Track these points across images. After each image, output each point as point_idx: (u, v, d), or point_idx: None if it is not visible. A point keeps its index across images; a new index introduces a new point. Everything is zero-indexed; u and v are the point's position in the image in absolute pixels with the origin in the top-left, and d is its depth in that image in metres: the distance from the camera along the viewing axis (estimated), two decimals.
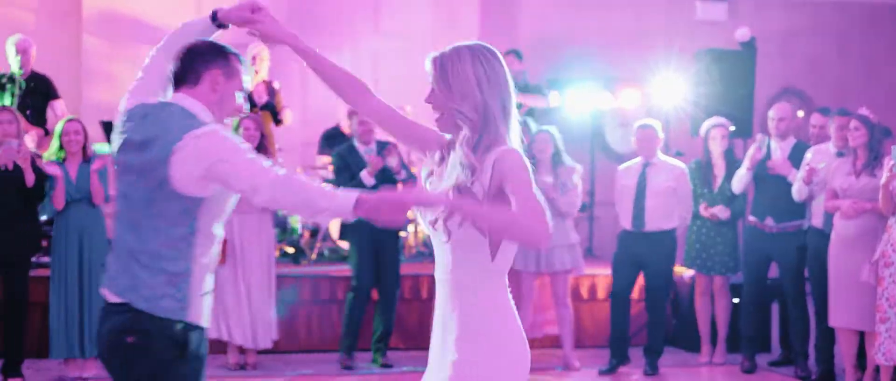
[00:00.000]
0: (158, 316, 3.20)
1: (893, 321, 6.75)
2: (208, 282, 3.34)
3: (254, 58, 9.39)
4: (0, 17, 10.48)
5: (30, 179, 7.09)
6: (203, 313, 3.32)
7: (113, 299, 3.25)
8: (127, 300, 3.20)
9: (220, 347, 7.82)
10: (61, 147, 7.37)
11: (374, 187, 7.63)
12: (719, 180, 8.18)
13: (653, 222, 7.90)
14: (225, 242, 7.51)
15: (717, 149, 8.18)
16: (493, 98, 3.11)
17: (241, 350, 7.87)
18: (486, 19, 11.63)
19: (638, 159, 8.08)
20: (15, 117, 7.27)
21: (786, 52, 12.12)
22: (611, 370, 7.95)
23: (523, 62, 10.16)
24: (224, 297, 7.69)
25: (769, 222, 7.90)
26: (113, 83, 10.78)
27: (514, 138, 3.16)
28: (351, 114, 8.04)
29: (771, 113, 8.10)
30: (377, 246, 7.96)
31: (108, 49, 10.81)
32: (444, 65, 3.15)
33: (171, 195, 3.20)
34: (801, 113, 8.81)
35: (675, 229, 7.99)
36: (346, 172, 7.88)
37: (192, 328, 3.26)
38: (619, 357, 7.98)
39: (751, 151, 7.87)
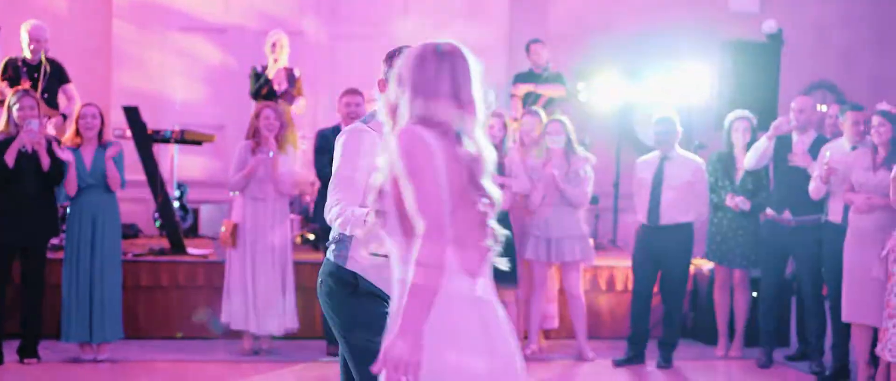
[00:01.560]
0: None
1: None
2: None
3: (274, 45, 9.44)
4: (33, 5, 10.61)
5: (45, 162, 7.19)
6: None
7: None
8: None
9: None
10: (78, 132, 7.46)
11: None
12: (741, 173, 8.11)
13: (668, 216, 7.85)
14: (235, 225, 7.59)
15: (739, 141, 8.12)
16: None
17: (255, 336, 7.92)
18: (516, 6, 11.60)
19: (656, 153, 8.04)
20: (37, 103, 7.36)
21: (819, 45, 11.95)
22: (626, 361, 7.92)
23: (546, 50, 10.12)
24: (232, 282, 7.75)
25: (787, 215, 7.83)
26: (143, 69, 10.93)
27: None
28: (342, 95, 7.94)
29: (792, 105, 8.02)
30: None
31: (137, 35, 10.92)
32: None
33: None
34: (824, 107, 8.68)
35: (692, 223, 7.93)
36: (327, 155, 7.79)
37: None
38: (636, 353, 7.95)
39: (777, 121, 7.78)
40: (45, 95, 8.70)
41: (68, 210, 7.55)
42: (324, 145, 7.72)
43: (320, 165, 7.76)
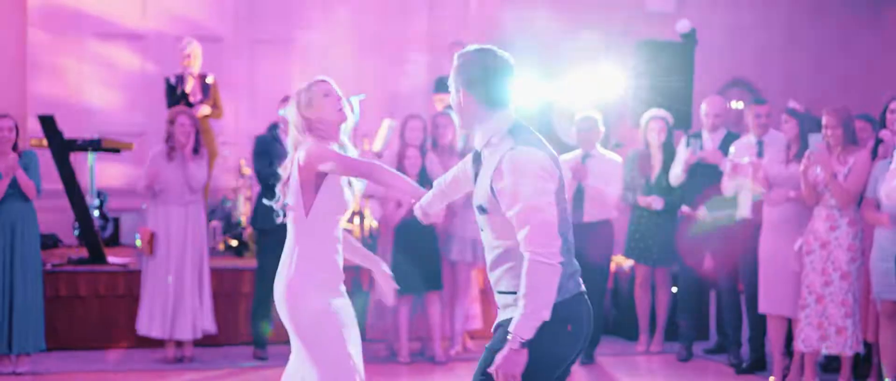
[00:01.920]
0: None
1: (813, 307, 6.86)
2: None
3: (187, 56, 9.35)
4: None
5: None
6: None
7: None
8: None
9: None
10: None
11: None
12: (657, 171, 8.26)
13: (591, 214, 7.98)
14: (152, 234, 7.54)
15: (654, 140, 8.26)
16: None
17: (178, 344, 7.87)
18: (434, 7, 11.64)
19: (577, 151, 8.17)
20: None
21: (734, 44, 12.20)
22: None
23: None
24: (152, 290, 7.70)
25: (702, 212, 7.98)
26: (59, 76, 10.78)
27: None
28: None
29: (704, 107, 8.20)
30: None
31: (53, 42, 10.77)
32: None
33: None
34: (739, 104, 8.87)
35: (612, 220, 8.06)
36: (266, 158, 7.78)
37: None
38: None
39: (685, 155, 7.96)
40: None
41: None
42: (263, 149, 7.75)
43: (260, 168, 7.75)
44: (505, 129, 3.45)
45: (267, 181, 7.10)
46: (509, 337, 3.29)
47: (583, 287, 3.52)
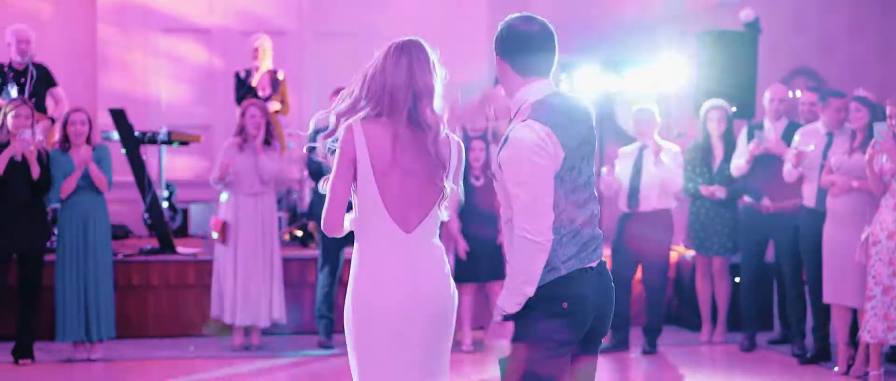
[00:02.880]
0: None
1: (880, 299, 6.80)
2: None
3: (256, 50, 9.50)
4: (17, 8, 10.68)
5: (35, 171, 7.29)
6: None
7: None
8: None
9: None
10: (67, 137, 7.54)
11: None
12: (718, 162, 8.26)
13: (647, 203, 8.01)
14: (224, 223, 7.70)
15: (715, 131, 8.26)
16: None
17: (246, 331, 8.02)
18: (496, 1, 11.66)
19: (636, 142, 8.20)
20: (32, 113, 7.46)
21: (798, 32, 12.08)
22: (608, 349, 8.04)
23: None
24: (223, 278, 7.86)
25: (765, 202, 7.97)
26: (128, 71, 10.99)
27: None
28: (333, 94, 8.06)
29: (767, 95, 8.18)
30: None
31: (122, 37, 10.99)
32: None
33: None
34: (798, 93, 8.80)
35: (670, 210, 8.07)
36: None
37: None
38: (619, 340, 8.08)
39: (750, 146, 7.93)
40: (33, 99, 8.77)
41: (59, 212, 7.62)
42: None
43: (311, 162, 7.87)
44: (531, 100, 3.49)
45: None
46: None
47: (593, 263, 3.49)
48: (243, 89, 9.48)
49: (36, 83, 8.79)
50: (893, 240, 6.77)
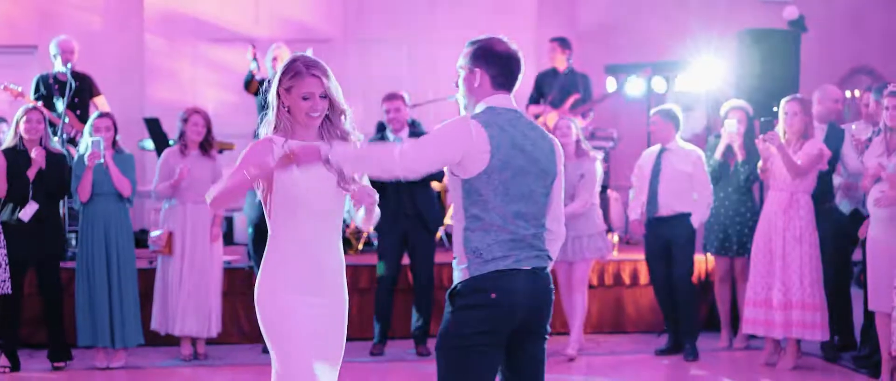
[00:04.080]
0: None
1: None
2: None
3: (274, 59, 9.49)
4: (67, 19, 10.89)
5: (32, 173, 7.39)
6: None
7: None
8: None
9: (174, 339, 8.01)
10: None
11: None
12: (734, 162, 8.10)
13: (666, 206, 7.88)
14: (171, 234, 7.67)
15: (735, 131, 8.04)
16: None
17: (193, 341, 7.99)
18: (543, 6, 11.57)
19: (657, 145, 8.08)
20: (43, 117, 7.56)
21: (857, 30, 11.72)
22: (667, 351, 8.08)
23: (569, 50, 10.04)
24: (171, 288, 7.83)
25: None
26: (174, 80, 11.13)
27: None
28: (384, 100, 8.06)
29: (816, 95, 7.95)
30: (407, 237, 8.02)
31: (169, 47, 11.13)
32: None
33: None
34: (856, 92, 8.53)
35: (691, 214, 7.88)
36: None
37: None
38: (675, 343, 8.06)
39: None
40: (78, 112, 8.91)
41: (80, 218, 7.68)
42: None
43: None
44: (485, 106, 3.80)
45: None
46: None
47: (526, 266, 3.71)
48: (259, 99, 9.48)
49: (79, 92, 8.92)
50: None
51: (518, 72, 3.84)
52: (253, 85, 9.48)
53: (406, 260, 8.23)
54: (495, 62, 3.78)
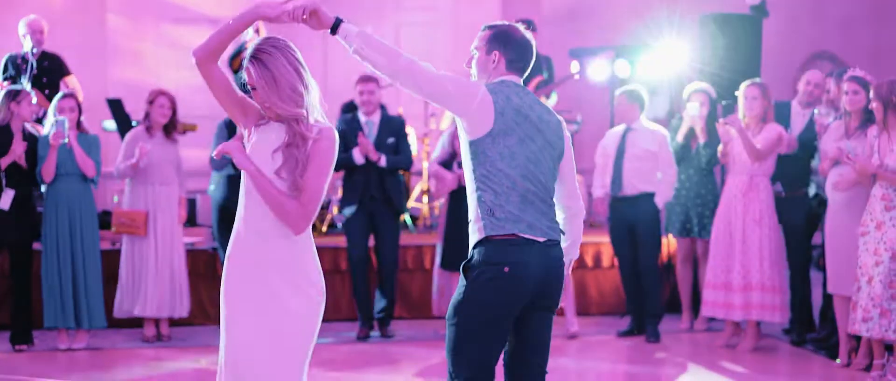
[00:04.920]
0: None
1: (864, 289, 6.58)
2: None
3: (257, 31, 9.43)
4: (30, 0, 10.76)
5: (5, 162, 7.38)
6: None
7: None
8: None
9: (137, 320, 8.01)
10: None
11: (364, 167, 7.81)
12: (696, 145, 8.19)
13: (630, 186, 7.94)
14: (146, 214, 7.65)
15: (697, 113, 8.13)
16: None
17: (156, 323, 7.99)
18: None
19: (622, 125, 8.11)
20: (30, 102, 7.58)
21: (817, 15, 11.82)
22: (628, 333, 8.16)
23: (534, 32, 10.04)
24: (139, 270, 7.84)
25: (778, 187, 7.79)
26: (137, 61, 11.04)
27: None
28: (358, 82, 8.06)
29: (804, 78, 7.99)
30: (373, 219, 8.03)
31: (131, 28, 11.04)
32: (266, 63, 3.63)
33: None
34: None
35: (654, 194, 7.95)
36: (341, 142, 7.81)
37: None
38: (638, 325, 8.13)
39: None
40: (47, 91, 8.83)
41: (44, 199, 7.64)
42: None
43: None
44: (505, 80, 3.97)
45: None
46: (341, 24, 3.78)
47: (539, 238, 3.84)
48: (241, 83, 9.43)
49: (50, 73, 8.86)
50: (881, 230, 6.56)
51: (531, 59, 4.02)
52: (238, 61, 9.41)
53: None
54: (514, 47, 3.95)
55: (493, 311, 3.81)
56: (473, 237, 3.87)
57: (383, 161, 7.90)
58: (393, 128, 8.08)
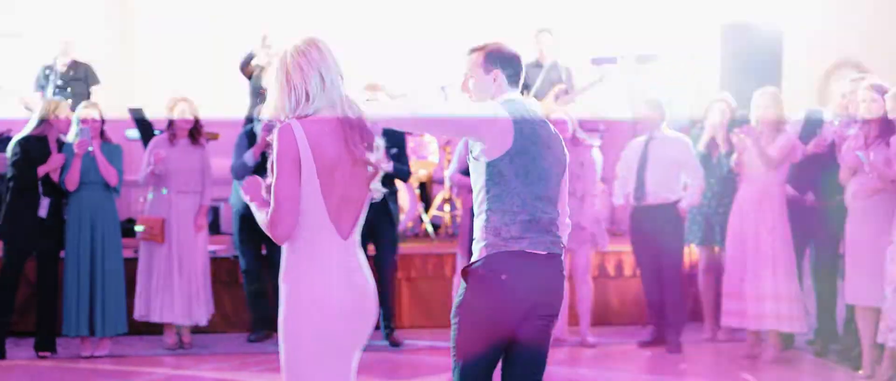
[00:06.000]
0: None
1: (891, 300, 6.54)
2: None
3: (264, 38, 9.43)
4: (54, 9, 10.84)
5: (42, 171, 7.46)
6: None
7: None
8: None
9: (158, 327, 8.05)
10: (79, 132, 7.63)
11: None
12: (717, 153, 8.14)
13: (654, 195, 7.93)
14: (163, 221, 7.69)
15: (718, 123, 8.10)
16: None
17: (178, 330, 8.02)
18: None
19: (644, 136, 8.13)
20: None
21: (840, 23, 11.75)
22: (651, 342, 8.13)
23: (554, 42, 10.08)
24: (159, 276, 7.86)
25: (810, 197, 7.75)
26: (161, 70, 11.09)
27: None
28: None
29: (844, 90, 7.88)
30: (373, 228, 8.02)
31: (156, 38, 11.11)
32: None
33: None
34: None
35: (678, 202, 7.93)
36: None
37: None
38: (657, 332, 8.10)
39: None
40: (74, 100, 8.90)
41: (67, 208, 7.68)
42: None
43: None
44: (503, 99, 4.02)
45: None
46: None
47: (541, 251, 3.90)
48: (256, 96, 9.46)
49: (76, 82, 8.95)
50: None
51: (522, 71, 4.13)
52: (249, 69, 9.46)
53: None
54: (509, 62, 4.06)
55: (490, 316, 3.88)
56: (476, 251, 3.94)
57: (390, 167, 7.88)
58: (395, 139, 8.09)
